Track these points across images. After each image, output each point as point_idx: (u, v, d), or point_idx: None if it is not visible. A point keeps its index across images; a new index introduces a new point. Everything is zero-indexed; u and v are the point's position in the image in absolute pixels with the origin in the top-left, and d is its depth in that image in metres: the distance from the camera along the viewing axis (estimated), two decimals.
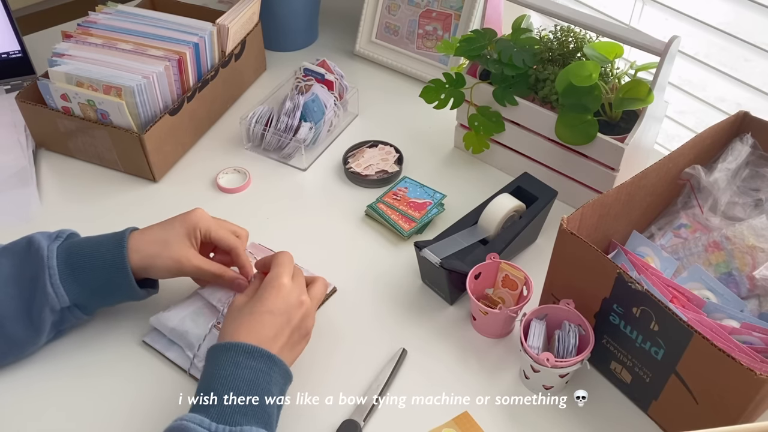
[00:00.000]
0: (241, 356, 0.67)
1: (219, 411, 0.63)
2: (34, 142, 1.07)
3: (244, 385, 0.65)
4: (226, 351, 0.68)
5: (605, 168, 0.91)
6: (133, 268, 0.75)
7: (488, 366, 0.79)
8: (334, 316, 0.84)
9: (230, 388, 0.65)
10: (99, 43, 1.02)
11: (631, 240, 0.83)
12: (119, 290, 0.76)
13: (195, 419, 0.62)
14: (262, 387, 0.66)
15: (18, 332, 0.74)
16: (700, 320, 0.68)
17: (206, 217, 0.79)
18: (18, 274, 0.74)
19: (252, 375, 0.66)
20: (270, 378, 0.67)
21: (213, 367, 0.67)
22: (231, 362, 0.66)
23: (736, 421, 0.64)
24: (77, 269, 0.74)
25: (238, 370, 0.66)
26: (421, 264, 0.86)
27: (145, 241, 0.76)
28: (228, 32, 1.08)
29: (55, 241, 0.76)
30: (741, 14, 0.94)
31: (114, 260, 0.74)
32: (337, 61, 1.14)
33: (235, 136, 1.11)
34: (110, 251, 0.75)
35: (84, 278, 0.74)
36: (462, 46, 0.95)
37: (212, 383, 0.66)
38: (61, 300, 0.74)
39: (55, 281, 0.73)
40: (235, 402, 0.64)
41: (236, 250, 0.79)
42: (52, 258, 0.74)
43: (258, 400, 0.65)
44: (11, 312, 0.73)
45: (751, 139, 0.86)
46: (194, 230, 0.77)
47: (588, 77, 0.84)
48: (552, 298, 0.79)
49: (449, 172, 1.05)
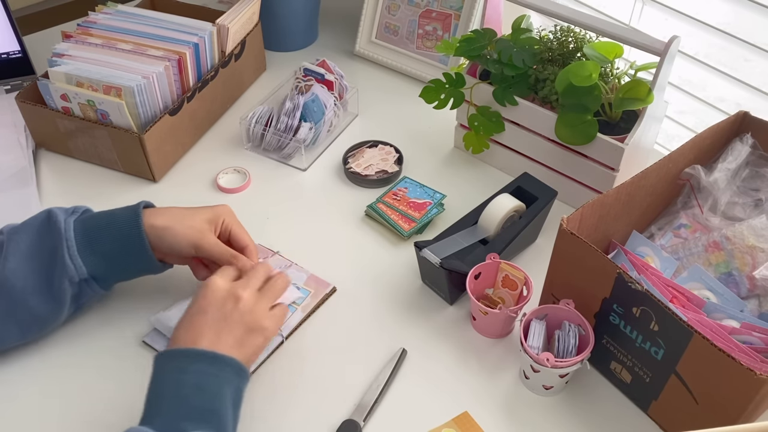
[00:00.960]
0: (184, 361, 0.66)
1: (164, 420, 0.63)
2: (34, 142, 1.07)
3: (189, 391, 0.64)
4: (170, 358, 0.67)
5: (605, 168, 0.91)
6: (150, 239, 0.76)
7: (488, 366, 0.79)
8: (334, 316, 0.85)
9: (175, 396, 0.64)
10: (99, 43, 1.02)
11: (631, 240, 0.83)
12: (135, 260, 0.77)
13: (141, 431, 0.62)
14: (210, 390, 0.65)
15: (40, 305, 0.75)
16: (700, 320, 0.68)
17: (231, 213, 0.82)
18: (37, 248, 0.75)
19: (198, 379, 0.65)
20: (220, 379, 0.66)
21: (159, 374, 0.66)
22: (176, 368, 0.66)
23: (736, 421, 0.64)
24: (94, 240, 0.76)
25: (184, 376, 0.65)
26: (421, 264, 0.86)
27: (167, 210, 0.79)
28: (228, 32, 1.08)
29: (72, 214, 0.78)
30: (741, 14, 0.94)
31: (130, 229, 0.76)
32: (337, 61, 1.14)
33: (235, 136, 1.11)
34: (126, 221, 0.76)
35: (101, 249, 0.76)
36: (462, 46, 0.95)
37: (159, 391, 0.65)
38: (80, 271, 0.75)
39: (73, 252, 0.74)
40: (180, 409, 0.63)
41: (249, 250, 0.80)
42: (69, 230, 0.75)
43: (206, 403, 0.64)
44: (32, 285, 0.74)
45: (751, 139, 0.86)
46: (218, 219, 0.79)
47: (588, 77, 0.84)
48: (552, 298, 0.79)
49: (449, 172, 1.05)
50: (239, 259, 0.77)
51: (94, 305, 0.84)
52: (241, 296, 0.70)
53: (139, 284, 0.85)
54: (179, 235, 0.76)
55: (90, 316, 0.83)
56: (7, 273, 0.73)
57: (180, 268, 0.84)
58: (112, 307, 0.84)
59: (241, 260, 0.77)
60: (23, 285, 0.74)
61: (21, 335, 0.77)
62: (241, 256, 0.78)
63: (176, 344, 0.68)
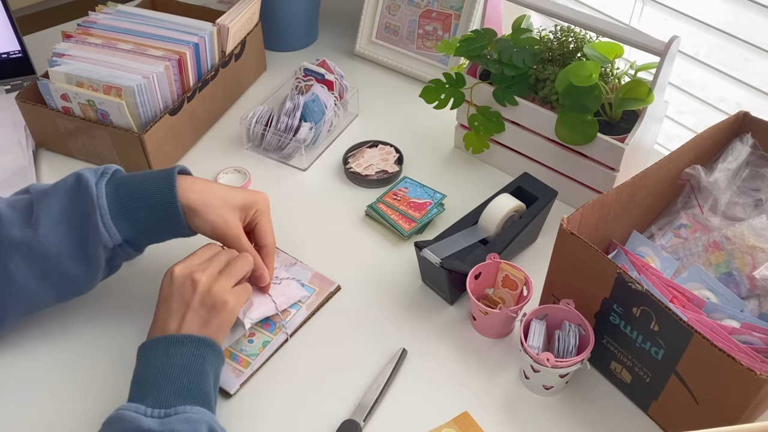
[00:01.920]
0: (171, 346, 0.68)
1: (154, 397, 0.65)
2: (34, 142, 1.07)
3: (176, 371, 0.67)
4: (154, 346, 0.69)
5: (605, 168, 0.91)
6: (183, 206, 0.76)
7: (488, 366, 0.79)
8: (334, 315, 0.85)
9: (162, 376, 0.66)
10: (99, 43, 1.02)
11: (631, 240, 0.83)
12: (170, 227, 0.78)
13: (131, 407, 0.64)
14: (195, 369, 0.68)
15: (75, 269, 0.75)
16: (700, 320, 0.68)
17: (267, 205, 0.83)
18: (69, 213, 0.74)
19: (183, 360, 0.68)
20: (204, 360, 0.69)
21: (144, 361, 0.69)
22: (162, 354, 0.68)
23: (736, 421, 0.64)
24: (127, 207, 0.75)
25: (169, 359, 0.67)
26: (421, 264, 0.86)
27: (205, 188, 0.78)
28: (228, 32, 1.08)
29: (102, 177, 0.76)
30: (741, 14, 0.94)
31: (164, 200, 0.76)
32: (337, 61, 1.14)
33: (235, 136, 1.11)
34: (161, 190, 0.76)
35: (135, 216, 0.76)
36: (462, 46, 0.95)
37: (145, 375, 0.67)
38: (114, 238, 0.75)
39: (107, 220, 0.74)
40: (168, 387, 0.66)
41: (269, 248, 0.82)
42: (101, 197, 0.74)
43: (192, 381, 0.67)
44: (67, 250, 0.74)
45: (751, 139, 0.86)
46: (251, 208, 0.80)
47: (588, 77, 0.84)
48: (552, 298, 0.79)
49: (449, 172, 1.05)
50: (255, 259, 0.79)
51: (102, 302, 0.84)
52: (198, 280, 0.72)
53: (147, 284, 0.85)
54: (207, 221, 0.77)
55: (95, 314, 0.83)
56: (41, 238, 0.73)
57: None
58: (116, 307, 0.84)
59: (256, 260, 0.79)
60: (58, 249, 0.73)
61: (58, 297, 0.77)
62: (257, 256, 0.80)
63: (153, 335, 0.71)
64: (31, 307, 0.77)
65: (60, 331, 0.82)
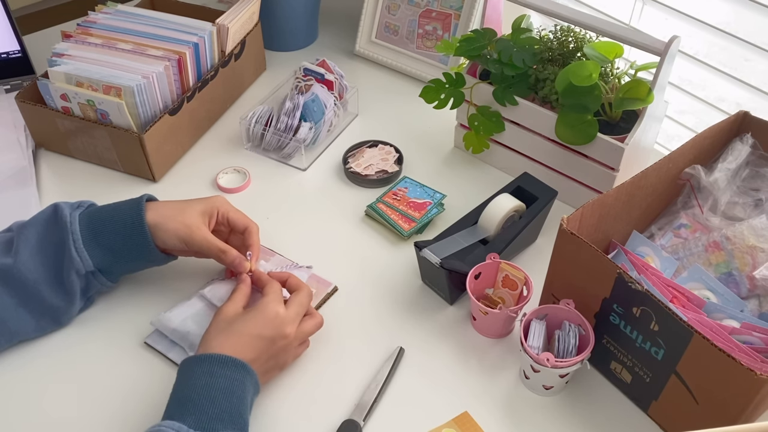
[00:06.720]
0: (215, 366, 0.68)
1: (197, 419, 0.64)
2: (34, 142, 1.07)
3: (219, 393, 0.66)
4: (200, 363, 0.68)
5: (605, 168, 0.91)
6: (149, 224, 0.78)
7: (488, 366, 0.79)
8: (334, 315, 0.84)
9: (206, 396, 0.66)
10: (99, 43, 1.02)
11: (631, 240, 0.83)
12: (139, 253, 0.79)
13: (174, 426, 0.63)
14: (237, 394, 0.67)
15: (52, 297, 0.77)
16: (700, 320, 0.68)
17: (226, 202, 0.84)
18: (45, 241, 0.77)
19: (227, 383, 0.67)
20: (244, 386, 0.68)
21: (188, 377, 0.68)
22: (206, 372, 0.67)
23: (736, 421, 0.64)
24: (98, 233, 0.78)
25: (213, 380, 0.67)
26: (421, 264, 0.86)
27: (162, 205, 0.81)
28: (228, 32, 1.08)
29: (77, 209, 0.80)
30: (741, 14, 0.94)
31: (132, 221, 0.78)
32: (337, 61, 1.14)
33: (235, 136, 1.11)
34: (129, 215, 0.78)
35: (105, 241, 0.78)
36: (462, 46, 0.95)
37: (187, 393, 0.66)
38: (86, 264, 0.77)
39: (78, 246, 0.76)
40: (211, 410, 0.65)
41: (250, 229, 0.83)
42: (74, 224, 0.77)
43: (234, 407, 0.66)
44: (43, 277, 0.76)
45: (751, 139, 0.86)
46: (212, 210, 0.81)
47: (588, 77, 0.84)
48: (552, 298, 0.79)
49: (449, 172, 1.05)
50: (228, 253, 0.79)
51: (96, 305, 0.84)
52: (288, 335, 0.73)
53: (141, 286, 0.85)
54: (169, 231, 0.78)
55: (91, 317, 0.83)
56: (19, 266, 0.75)
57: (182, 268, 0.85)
58: (114, 308, 0.84)
59: (230, 255, 0.79)
60: (35, 277, 0.76)
61: (36, 326, 0.79)
62: (230, 250, 0.80)
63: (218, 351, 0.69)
64: (8, 337, 0.78)
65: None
